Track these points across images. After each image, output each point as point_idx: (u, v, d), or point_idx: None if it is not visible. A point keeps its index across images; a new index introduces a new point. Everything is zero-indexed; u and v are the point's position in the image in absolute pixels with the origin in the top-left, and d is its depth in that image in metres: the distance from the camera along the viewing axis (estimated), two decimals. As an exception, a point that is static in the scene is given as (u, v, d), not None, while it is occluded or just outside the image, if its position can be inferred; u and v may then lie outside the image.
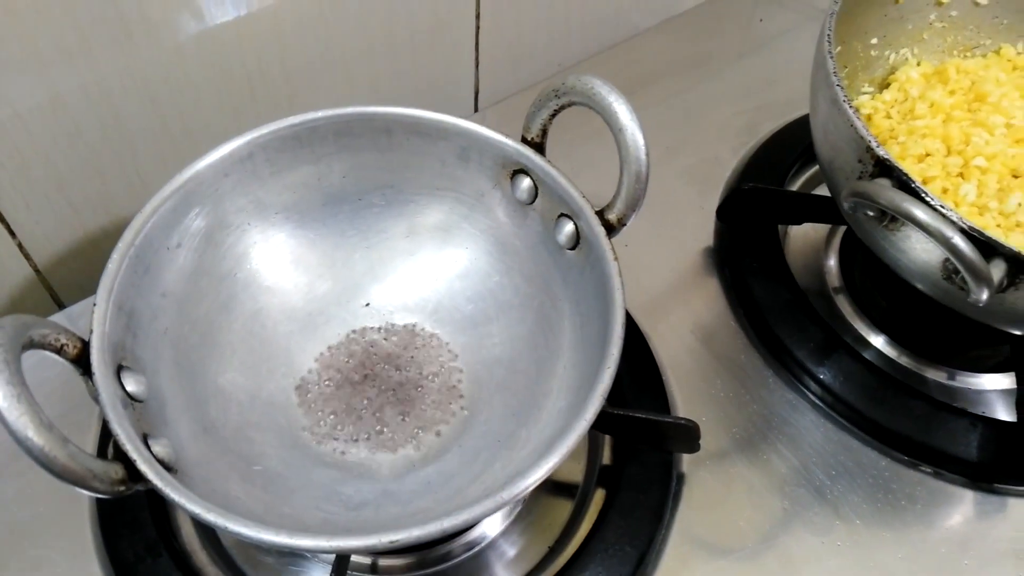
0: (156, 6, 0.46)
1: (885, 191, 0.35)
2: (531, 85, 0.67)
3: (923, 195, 0.37)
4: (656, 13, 0.73)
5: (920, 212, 0.34)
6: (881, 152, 0.39)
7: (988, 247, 0.36)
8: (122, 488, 0.32)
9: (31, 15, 0.42)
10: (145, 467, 0.32)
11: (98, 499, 0.43)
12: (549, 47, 0.69)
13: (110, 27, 0.45)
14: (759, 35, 0.71)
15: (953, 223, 0.35)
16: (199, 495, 0.32)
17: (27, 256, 0.52)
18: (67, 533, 0.42)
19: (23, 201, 0.49)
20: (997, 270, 0.36)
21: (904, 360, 0.52)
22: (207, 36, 0.49)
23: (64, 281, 0.55)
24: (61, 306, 0.55)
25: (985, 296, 0.35)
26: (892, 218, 0.39)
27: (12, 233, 0.50)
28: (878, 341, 0.52)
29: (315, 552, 0.42)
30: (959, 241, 0.33)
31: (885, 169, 0.39)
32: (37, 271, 0.53)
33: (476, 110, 0.68)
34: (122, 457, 0.32)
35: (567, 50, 0.70)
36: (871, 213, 0.40)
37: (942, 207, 0.36)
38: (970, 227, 0.36)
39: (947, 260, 0.38)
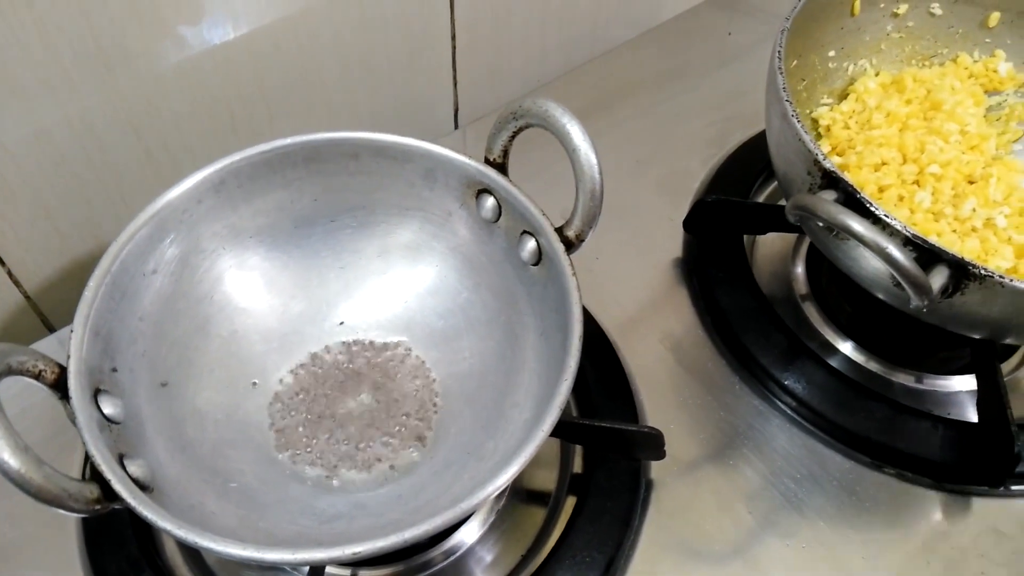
0: (135, 38, 0.47)
1: (823, 204, 0.36)
2: (510, 102, 0.69)
3: (867, 205, 0.38)
4: (632, 27, 0.74)
5: (855, 224, 0.35)
6: (827, 164, 0.40)
7: (931, 254, 0.37)
8: (98, 507, 0.33)
9: (12, 51, 0.44)
10: (119, 486, 0.33)
11: (83, 518, 0.44)
12: (526, 65, 0.70)
13: (90, 60, 0.46)
14: (729, 48, 0.72)
15: (891, 232, 0.36)
16: (175, 512, 0.33)
17: (17, 283, 0.53)
18: (53, 551, 0.44)
19: (11, 229, 0.51)
20: (940, 276, 0.37)
21: (872, 365, 0.52)
22: (186, 65, 0.50)
23: (54, 306, 0.56)
24: (52, 330, 0.57)
25: (925, 303, 0.36)
26: (840, 228, 0.40)
27: (1, 261, 0.51)
28: (846, 347, 0.53)
29: (283, 565, 0.43)
30: (893, 250, 0.34)
31: (832, 181, 0.40)
32: (27, 297, 0.54)
33: (456, 127, 0.70)
34: (98, 477, 0.33)
35: (543, 67, 0.71)
36: (820, 224, 0.41)
37: (886, 216, 0.38)
38: (913, 235, 0.37)
39: (892, 268, 0.39)
